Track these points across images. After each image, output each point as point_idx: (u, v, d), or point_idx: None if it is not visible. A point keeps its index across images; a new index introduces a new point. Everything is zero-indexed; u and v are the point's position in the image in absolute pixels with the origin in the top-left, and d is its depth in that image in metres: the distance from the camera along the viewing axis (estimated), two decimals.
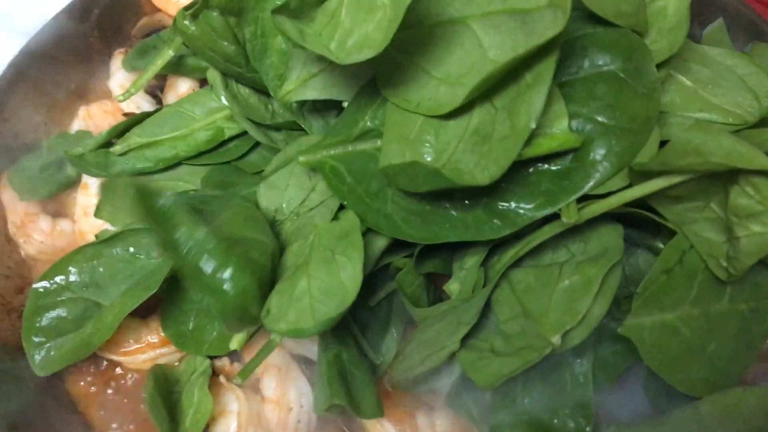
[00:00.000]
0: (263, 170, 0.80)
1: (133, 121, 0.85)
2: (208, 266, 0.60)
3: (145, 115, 0.85)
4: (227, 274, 0.60)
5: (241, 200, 0.74)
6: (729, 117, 0.64)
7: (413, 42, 0.62)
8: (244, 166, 0.83)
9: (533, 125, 0.56)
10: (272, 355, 0.69)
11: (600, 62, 0.60)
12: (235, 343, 0.65)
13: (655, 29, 0.64)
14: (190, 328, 0.75)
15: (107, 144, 0.84)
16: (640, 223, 0.65)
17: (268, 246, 0.67)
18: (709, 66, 0.67)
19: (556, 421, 0.63)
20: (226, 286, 0.60)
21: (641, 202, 0.60)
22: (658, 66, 0.61)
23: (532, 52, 0.55)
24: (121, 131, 0.85)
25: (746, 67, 0.66)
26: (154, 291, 0.69)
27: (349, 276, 0.60)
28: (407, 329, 0.75)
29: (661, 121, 0.64)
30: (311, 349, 0.74)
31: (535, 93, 0.56)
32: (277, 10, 0.65)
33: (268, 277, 0.65)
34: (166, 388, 0.71)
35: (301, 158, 0.69)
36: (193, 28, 0.75)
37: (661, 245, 0.66)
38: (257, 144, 0.84)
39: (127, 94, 0.84)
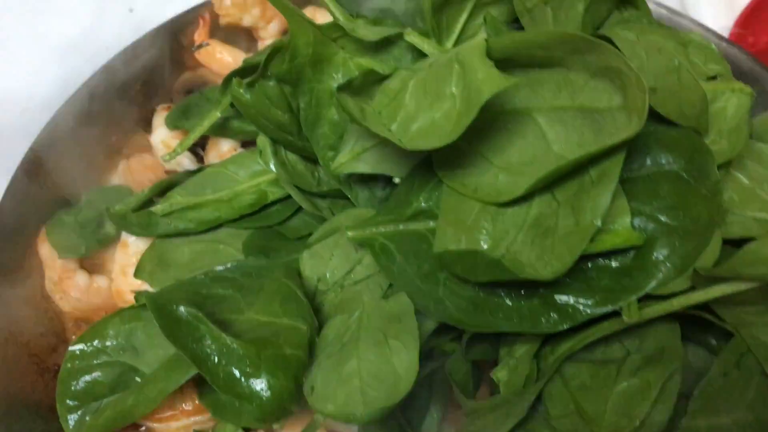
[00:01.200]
0: (304, 236, 0.80)
1: (175, 179, 0.85)
2: (239, 375, 0.60)
3: (188, 175, 0.85)
4: (261, 381, 0.60)
5: (280, 274, 0.72)
6: None
7: (474, 128, 0.62)
8: (286, 231, 0.83)
9: (599, 224, 0.56)
10: None
11: (663, 161, 0.60)
12: (278, 425, 0.64)
13: (714, 130, 0.64)
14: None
15: (148, 201, 0.84)
16: (694, 317, 0.64)
17: (304, 333, 0.66)
18: (764, 164, 0.67)
19: None
20: (262, 393, 0.60)
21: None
22: (719, 167, 0.62)
23: (603, 151, 0.55)
24: (162, 189, 0.85)
25: None
26: None
27: (404, 364, 0.60)
28: (447, 409, 0.74)
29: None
30: (350, 426, 0.73)
31: (601, 190, 0.57)
32: (341, 88, 0.66)
33: (304, 367, 0.64)
34: None
35: (350, 233, 0.68)
36: (248, 95, 0.76)
37: (713, 341, 0.65)
38: (299, 209, 0.83)
39: (173, 154, 0.84)
